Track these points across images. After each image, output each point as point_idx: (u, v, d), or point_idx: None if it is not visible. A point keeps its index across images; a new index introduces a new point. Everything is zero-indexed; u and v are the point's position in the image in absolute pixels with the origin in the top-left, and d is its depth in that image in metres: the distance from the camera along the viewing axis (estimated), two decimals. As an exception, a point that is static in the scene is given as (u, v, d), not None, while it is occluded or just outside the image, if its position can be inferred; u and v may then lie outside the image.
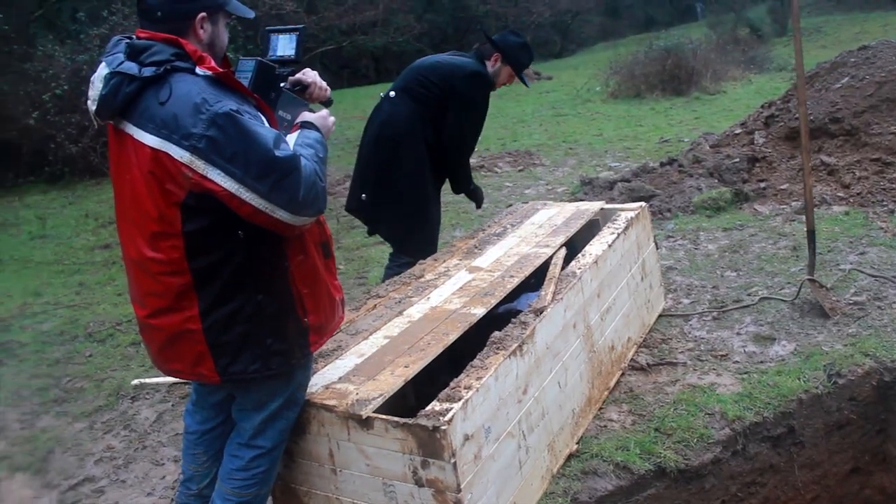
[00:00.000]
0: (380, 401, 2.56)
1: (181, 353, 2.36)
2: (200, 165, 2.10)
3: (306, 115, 2.51)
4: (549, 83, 19.76)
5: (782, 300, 4.63)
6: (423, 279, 3.72)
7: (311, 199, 2.20)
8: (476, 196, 4.63)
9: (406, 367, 2.78)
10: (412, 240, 4.31)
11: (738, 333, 4.32)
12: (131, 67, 2.18)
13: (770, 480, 3.63)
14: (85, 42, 11.93)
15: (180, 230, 2.21)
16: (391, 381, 2.69)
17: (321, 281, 2.45)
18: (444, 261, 3.95)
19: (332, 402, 2.59)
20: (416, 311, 3.32)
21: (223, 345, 2.33)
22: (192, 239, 2.22)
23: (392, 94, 4.27)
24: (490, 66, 4.30)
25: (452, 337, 3.00)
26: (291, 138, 2.36)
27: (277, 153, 2.12)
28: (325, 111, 2.57)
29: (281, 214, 2.16)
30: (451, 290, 3.51)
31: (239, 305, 2.30)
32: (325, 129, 2.50)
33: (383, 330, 3.16)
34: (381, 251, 6.51)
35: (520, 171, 9.66)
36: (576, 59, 29.38)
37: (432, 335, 3.03)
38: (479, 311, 3.22)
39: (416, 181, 4.20)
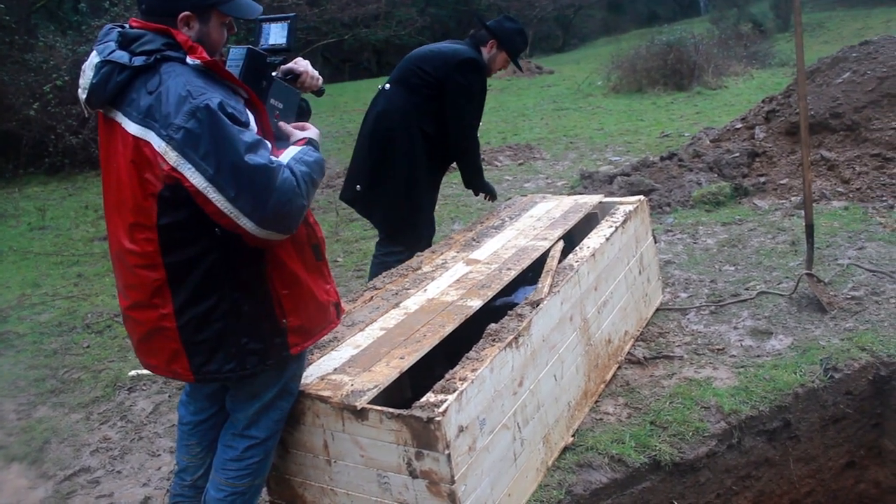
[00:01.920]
0: (374, 392, 2.56)
1: (157, 350, 2.35)
2: (173, 157, 2.07)
3: (313, 132, 2.47)
4: (551, 77, 19.74)
5: (780, 294, 4.62)
6: (420, 271, 3.72)
7: (281, 214, 2.14)
8: (487, 191, 4.59)
9: (401, 358, 2.78)
10: (404, 229, 4.31)
11: (735, 327, 4.31)
12: (122, 56, 2.16)
13: (765, 474, 3.64)
14: (86, 33, 11.94)
15: (155, 222, 2.18)
16: (386, 372, 2.69)
17: (303, 283, 2.39)
18: (442, 253, 3.95)
19: (327, 393, 2.59)
20: (413, 302, 3.31)
21: (198, 343, 2.30)
22: (167, 233, 2.20)
23: (387, 86, 4.27)
24: (486, 52, 4.29)
25: (448, 329, 3.00)
26: (293, 150, 2.32)
27: (248, 159, 2.07)
28: (313, 128, 2.50)
29: (244, 223, 2.11)
30: (448, 282, 3.51)
31: (214, 304, 2.27)
32: (318, 144, 2.47)
33: (380, 321, 3.16)
34: (380, 244, 6.50)
35: (520, 164, 9.66)
36: (578, 53, 29.35)
37: (428, 327, 3.03)
38: (476, 304, 3.22)
39: (410, 171, 4.19)
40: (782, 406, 3.63)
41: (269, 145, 2.21)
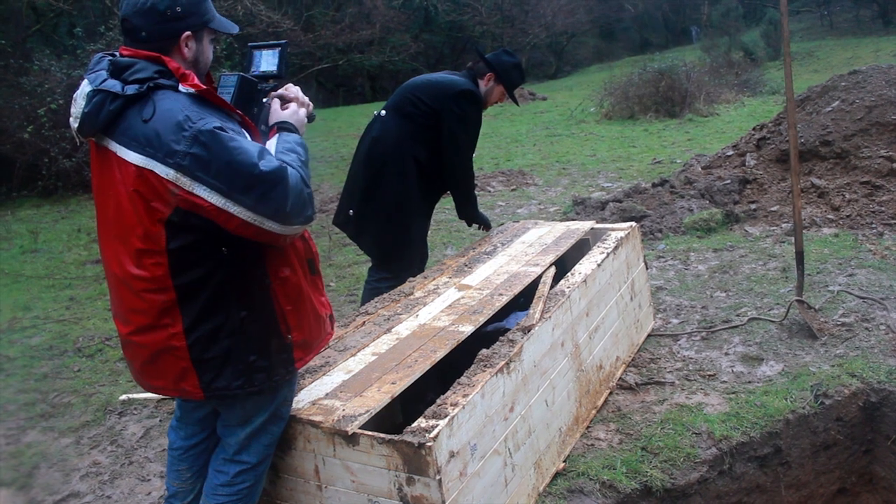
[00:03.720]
0: (366, 417, 2.56)
1: (164, 370, 2.36)
2: (186, 182, 2.11)
3: (280, 114, 2.49)
4: (544, 104, 19.88)
5: (771, 321, 4.64)
6: (412, 297, 3.73)
7: (299, 207, 2.21)
8: (481, 221, 4.63)
9: (393, 383, 2.78)
10: (394, 255, 4.32)
11: (726, 353, 4.33)
12: (114, 85, 2.19)
13: (757, 500, 3.63)
14: (81, 57, 11.99)
15: (165, 247, 2.21)
16: (378, 397, 2.69)
17: (305, 297, 2.45)
18: (434, 278, 3.96)
19: (318, 418, 2.59)
20: (405, 328, 3.32)
21: (207, 361, 2.32)
22: (177, 256, 2.23)
23: (383, 112, 4.30)
24: (483, 84, 4.33)
25: (440, 354, 3.00)
26: (271, 143, 2.36)
27: (262, 166, 2.13)
28: (293, 105, 2.53)
29: (270, 225, 2.17)
30: (439, 307, 3.52)
31: (222, 321, 2.30)
32: (300, 123, 2.50)
33: (371, 346, 3.16)
34: (373, 269, 6.51)
35: (513, 190, 9.70)
36: (570, 80, 29.56)
37: (420, 352, 3.03)
38: (468, 329, 3.22)
39: (401, 198, 4.21)
40: (773, 432, 3.63)
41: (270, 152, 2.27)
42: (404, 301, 3.68)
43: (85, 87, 2.23)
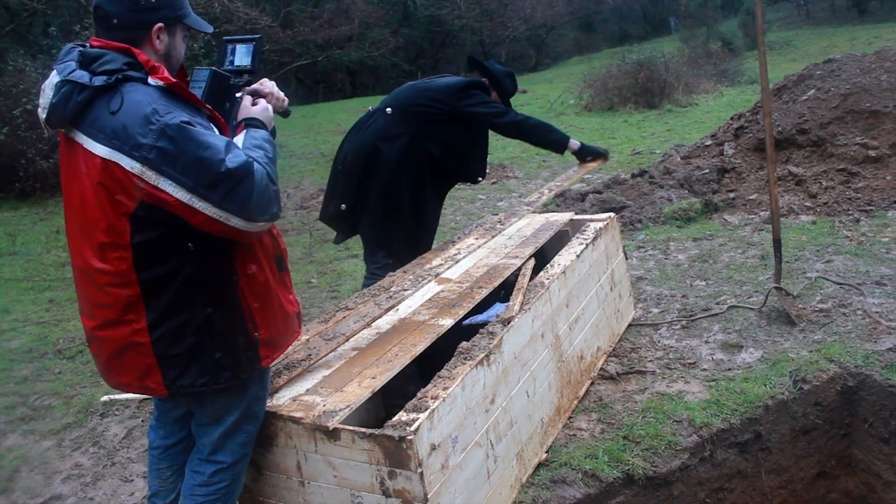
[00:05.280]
0: (346, 412, 2.57)
1: (128, 366, 2.34)
2: (152, 176, 2.09)
3: (250, 110, 2.47)
4: (524, 97, 19.88)
5: (750, 308, 4.68)
6: (392, 291, 3.73)
7: (264, 204, 2.20)
8: (591, 150, 4.76)
9: (373, 378, 2.79)
10: (414, 252, 4.28)
11: (706, 342, 4.36)
12: (82, 76, 2.16)
13: (738, 486, 3.67)
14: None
15: (129, 241, 2.19)
16: (358, 392, 2.70)
17: (273, 295, 2.43)
18: (414, 272, 3.96)
19: (298, 414, 2.59)
20: (385, 322, 3.32)
21: (171, 357, 2.30)
22: (141, 250, 2.20)
23: (389, 110, 4.23)
24: None
25: (420, 348, 3.01)
26: (239, 140, 2.34)
27: (229, 162, 2.12)
28: (262, 101, 2.52)
29: (235, 222, 2.16)
30: (419, 301, 3.52)
31: (187, 318, 2.28)
32: (268, 121, 2.49)
33: (351, 341, 3.16)
34: (354, 265, 6.51)
35: (493, 183, 9.71)
36: (550, 72, 29.59)
37: (400, 346, 3.04)
38: (448, 322, 3.23)
39: (418, 199, 4.22)
40: (753, 418, 3.67)
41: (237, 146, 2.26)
42: (384, 295, 3.67)
43: (53, 78, 2.21)
